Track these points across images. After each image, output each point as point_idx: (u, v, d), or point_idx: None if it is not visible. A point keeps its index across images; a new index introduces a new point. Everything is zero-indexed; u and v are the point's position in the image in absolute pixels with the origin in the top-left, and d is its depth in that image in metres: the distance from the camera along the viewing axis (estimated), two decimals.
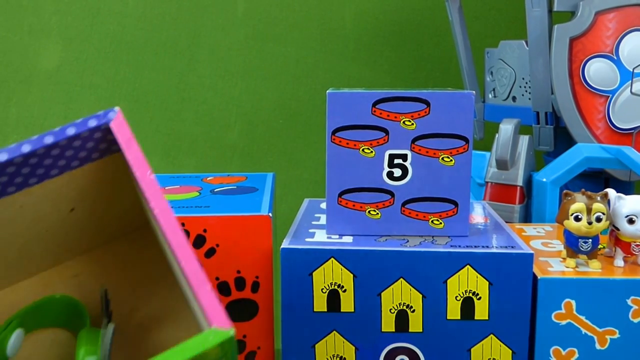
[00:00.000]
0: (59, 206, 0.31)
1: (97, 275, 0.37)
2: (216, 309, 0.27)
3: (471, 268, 0.49)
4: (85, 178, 0.29)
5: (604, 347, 0.50)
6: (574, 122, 0.83)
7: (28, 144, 0.25)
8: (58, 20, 1.12)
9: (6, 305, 0.35)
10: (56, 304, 0.35)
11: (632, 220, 0.52)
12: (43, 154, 0.26)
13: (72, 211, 0.32)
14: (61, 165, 0.27)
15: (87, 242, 0.36)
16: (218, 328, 0.26)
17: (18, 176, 0.26)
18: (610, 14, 0.81)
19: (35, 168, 0.26)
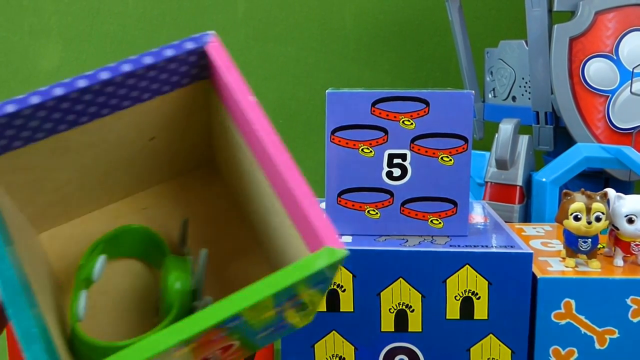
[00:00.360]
0: (141, 133, 0.31)
1: (165, 210, 0.36)
2: (329, 228, 0.26)
3: (470, 268, 0.49)
4: (171, 105, 0.29)
5: (604, 346, 0.50)
6: (573, 122, 0.83)
7: (128, 63, 0.25)
8: (58, 20, 1.12)
9: (78, 235, 0.35)
10: (133, 234, 0.35)
11: (631, 219, 0.52)
12: (140, 75, 0.26)
13: (152, 140, 0.32)
14: (154, 89, 0.27)
15: (157, 174, 0.36)
16: (332, 247, 0.25)
17: (114, 98, 0.26)
18: (610, 13, 0.81)
19: (131, 90, 0.26)
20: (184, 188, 0.37)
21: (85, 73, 0.24)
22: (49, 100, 0.24)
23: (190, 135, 0.34)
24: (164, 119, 0.30)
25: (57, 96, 0.24)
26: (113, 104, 0.27)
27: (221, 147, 0.35)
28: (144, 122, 0.29)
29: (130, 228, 0.35)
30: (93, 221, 0.35)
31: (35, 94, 0.24)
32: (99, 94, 0.25)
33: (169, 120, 0.31)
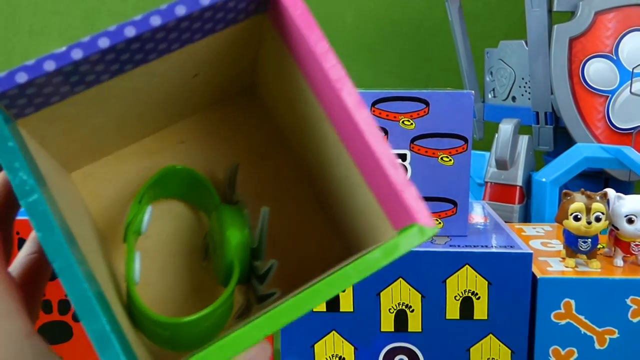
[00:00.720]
0: (186, 72, 0.28)
1: (204, 143, 0.33)
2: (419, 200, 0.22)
3: (470, 268, 0.49)
4: (221, 41, 0.27)
5: (603, 346, 0.50)
6: (573, 122, 0.83)
7: (181, 5, 0.22)
8: (58, 20, 1.12)
9: (112, 173, 0.32)
10: (177, 175, 0.32)
11: (631, 220, 0.52)
12: (195, 17, 0.23)
13: (195, 76, 0.29)
14: (207, 29, 0.25)
15: (194, 106, 0.33)
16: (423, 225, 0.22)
17: (163, 42, 0.24)
18: (610, 14, 0.81)
19: (182, 33, 0.24)
20: (224, 118, 0.33)
21: (133, 19, 0.22)
22: (93, 54, 0.22)
23: (236, 67, 0.31)
24: (212, 56, 0.28)
25: (102, 49, 0.22)
26: (161, 49, 0.24)
27: (270, 79, 0.32)
28: (189, 61, 0.27)
29: (174, 169, 0.32)
30: (127, 157, 0.32)
31: (77, 47, 0.21)
32: (148, 41, 0.23)
33: (216, 56, 0.28)
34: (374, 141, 0.23)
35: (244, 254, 0.28)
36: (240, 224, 0.29)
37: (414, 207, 0.22)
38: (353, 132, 0.23)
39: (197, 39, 0.25)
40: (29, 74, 0.21)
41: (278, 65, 0.29)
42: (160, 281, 0.32)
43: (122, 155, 0.32)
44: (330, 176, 0.30)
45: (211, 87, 0.32)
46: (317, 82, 0.25)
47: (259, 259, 0.29)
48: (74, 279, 0.20)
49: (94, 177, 0.32)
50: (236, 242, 0.28)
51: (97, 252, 0.27)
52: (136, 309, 0.26)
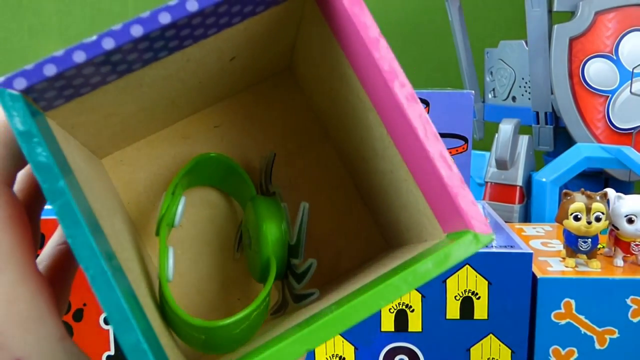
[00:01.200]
0: (222, 56, 0.27)
1: (239, 127, 0.31)
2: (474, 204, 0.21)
3: (470, 268, 0.49)
4: (261, 23, 0.25)
5: (604, 346, 0.50)
6: (573, 122, 0.83)
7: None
8: (58, 20, 1.12)
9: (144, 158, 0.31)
10: (211, 163, 0.30)
11: (631, 219, 0.52)
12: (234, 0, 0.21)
13: (232, 60, 0.27)
14: (246, 12, 0.23)
15: (230, 88, 0.31)
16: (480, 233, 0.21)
17: (200, 28, 0.22)
18: (610, 14, 0.81)
19: (220, 17, 0.22)
20: (260, 101, 0.32)
21: (168, 4, 0.20)
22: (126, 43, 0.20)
23: (275, 49, 0.29)
24: (250, 39, 0.26)
25: (135, 38, 0.20)
26: (198, 35, 0.23)
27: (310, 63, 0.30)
28: (227, 45, 0.26)
29: (208, 157, 0.30)
30: (160, 142, 0.31)
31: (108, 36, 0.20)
32: (184, 27, 0.22)
33: (255, 38, 0.27)
34: (427, 139, 0.21)
35: (281, 251, 0.27)
36: (277, 218, 0.27)
37: (468, 213, 0.21)
38: (403, 127, 0.22)
39: (236, 22, 0.24)
40: (57, 66, 0.20)
41: (320, 49, 0.27)
42: (192, 272, 0.31)
43: (154, 140, 0.31)
44: (373, 169, 0.28)
45: (248, 70, 0.30)
46: (365, 70, 0.23)
47: (297, 257, 0.27)
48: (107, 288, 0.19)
49: (125, 163, 0.31)
50: (273, 238, 0.27)
51: (130, 246, 0.26)
52: (170, 310, 0.25)
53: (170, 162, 0.31)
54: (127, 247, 0.25)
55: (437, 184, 0.21)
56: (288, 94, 0.32)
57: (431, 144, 0.21)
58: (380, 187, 0.28)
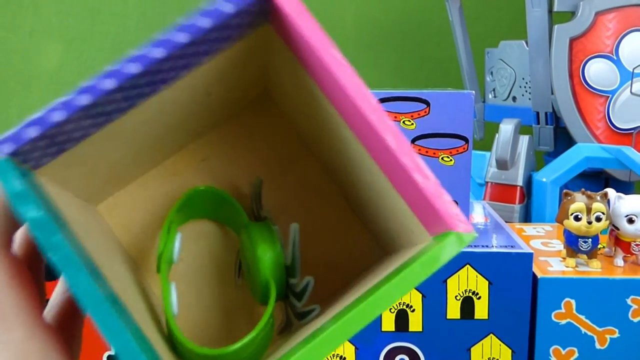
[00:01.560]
0: (198, 92, 0.28)
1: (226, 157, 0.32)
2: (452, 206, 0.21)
3: (471, 268, 0.49)
4: (230, 57, 0.26)
5: (604, 346, 0.50)
6: (574, 122, 0.83)
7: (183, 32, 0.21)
8: (59, 21, 1.12)
9: (138, 200, 0.32)
10: (201, 196, 0.31)
11: (631, 219, 0.52)
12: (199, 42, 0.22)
13: (209, 95, 0.29)
14: (213, 50, 0.24)
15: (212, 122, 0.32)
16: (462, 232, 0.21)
17: (171, 71, 0.23)
18: (610, 14, 0.81)
19: (189, 58, 0.23)
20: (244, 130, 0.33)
21: (135, 54, 0.21)
22: (100, 97, 0.21)
23: (248, 79, 0.31)
24: (222, 73, 0.27)
25: (109, 91, 0.21)
26: (170, 77, 0.24)
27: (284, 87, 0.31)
28: (200, 83, 0.27)
29: (197, 191, 0.31)
30: (150, 182, 0.32)
31: (84, 92, 0.21)
32: (155, 73, 0.22)
33: (227, 73, 0.28)
34: (400, 150, 0.22)
35: (278, 272, 0.28)
36: (270, 241, 0.29)
37: (448, 215, 0.21)
38: (376, 141, 0.23)
39: (205, 61, 0.25)
40: (40, 127, 0.21)
41: (289, 74, 0.28)
42: (197, 304, 0.32)
43: (144, 180, 0.32)
44: (357, 180, 0.29)
45: (225, 102, 0.32)
46: (330, 90, 0.24)
47: (294, 276, 0.28)
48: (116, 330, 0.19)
49: (120, 206, 0.32)
50: (269, 261, 0.28)
51: (132, 286, 0.27)
52: (178, 343, 0.26)
53: (163, 200, 0.32)
54: (130, 287, 0.26)
55: (415, 192, 0.22)
56: (268, 118, 0.33)
57: (404, 155, 0.22)
58: (367, 198, 0.29)
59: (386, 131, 0.22)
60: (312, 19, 0.23)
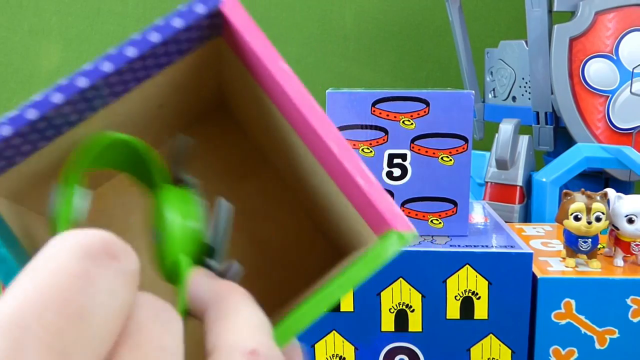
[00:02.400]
0: (149, 104, 0.27)
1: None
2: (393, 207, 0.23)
3: (470, 268, 0.49)
4: (181, 70, 0.26)
5: (604, 346, 0.50)
6: (573, 122, 0.83)
7: (132, 47, 0.22)
8: (58, 20, 1.12)
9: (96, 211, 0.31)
10: (115, 149, 0.26)
11: (631, 219, 0.52)
12: (148, 55, 0.22)
13: (161, 107, 0.28)
14: (162, 63, 0.24)
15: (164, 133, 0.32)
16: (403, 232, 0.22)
17: (119, 85, 0.23)
18: (610, 14, 0.81)
19: (137, 71, 0.23)
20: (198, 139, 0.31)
21: (85, 69, 0.21)
22: (48, 111, 0.21)
23: (201, 90, 0.31)
24: (173, 86, 0.27)
25: (56, 105, 0.21)
26: (119, 91, 0.24)
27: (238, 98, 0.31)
28: (152, 94, 0.26)
29: (105, 141, 0.24)
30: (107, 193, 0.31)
31: (31, 107, 0.21)
32: (103, 87, 0.22)
33: (178, 84, 0.28)
34: (343, 156, 0.23)
35: (191, 247, 0.24)
36: (185, 209, 0.24)
37: (390, 216, 0.23)
38: (321, 147, 0.24)
39: (155, 74, 0.24)
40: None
41: (243, 85, 0.28)
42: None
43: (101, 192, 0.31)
44: (310, 186, 0.29)
45: (182, 113, 0.31)
46: (278, 99, 0.25)
47: (214, 257, 0.24)
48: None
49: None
50: (179, 231, 0.24)
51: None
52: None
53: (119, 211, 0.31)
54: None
55: (360, 195, 0.23)
56: (225, 128, 0.33)
57: (347, 160, 0.23)
58: (321, 204, 0.30)
59: (330, 138, 0.23)
60: (261, 34, 0.24)
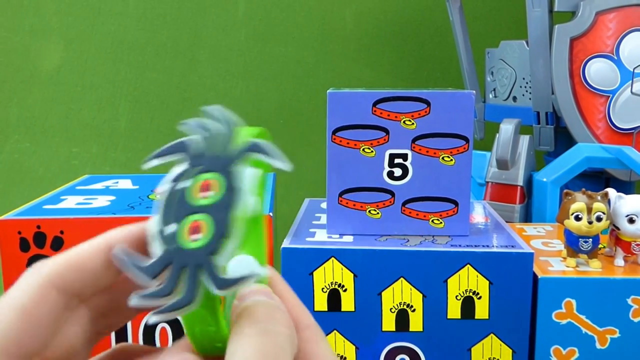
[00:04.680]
0: None
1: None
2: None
3: (471, 267, 0.49)
4: None
5: (604, 346, 0.50)
6: (574, 122, 0.83)
7: None
8: (59, 20, 1.12)
9: None
10: None
11: (632, 219, 0.52)
12: None
13: None
14: None
15: None
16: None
17: None
18: (611, 14, 0.81)
19: None
20: None
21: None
22: None
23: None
24: None
25: None
26: None
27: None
28: None
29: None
30: None
31: None
32: None
33: None
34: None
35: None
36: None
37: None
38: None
39: None
40: None
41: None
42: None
43: None
44: None
45: None
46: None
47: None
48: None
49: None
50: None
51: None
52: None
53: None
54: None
55: None
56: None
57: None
58: None
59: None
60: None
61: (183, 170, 0.24)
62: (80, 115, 1.15)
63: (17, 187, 1.15)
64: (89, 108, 1.15)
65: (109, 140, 1.16)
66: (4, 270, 0.52)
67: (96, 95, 1.15)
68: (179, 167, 0.24)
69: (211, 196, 0.22)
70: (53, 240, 0.52)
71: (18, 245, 0.52)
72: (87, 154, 1.16)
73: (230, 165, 0.23)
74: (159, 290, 0.20)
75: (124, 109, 1.16)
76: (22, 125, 1.13)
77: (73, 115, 1.15)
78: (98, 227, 0.53)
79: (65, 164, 1.16)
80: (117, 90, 1.15)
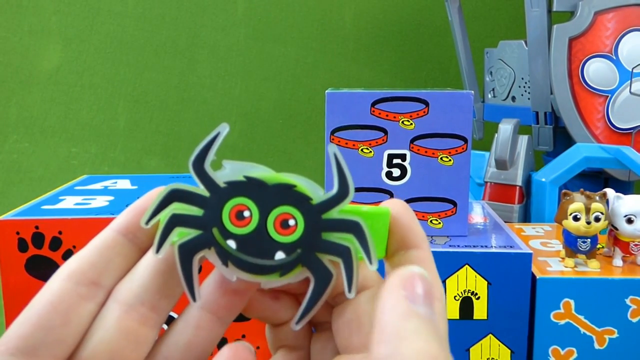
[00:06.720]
0: None
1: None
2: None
3: (470, 268, 0.49)
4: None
5: (603, 346, 0.50)
6: (573, 122, 0.83)
7: None
8: (58, 20, 1.12)
9: None
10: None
11: (630, 220, 0.52)
12: None
13: None
14: None
15: None
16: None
17: None
18: (610, 13, 0.81)
19: None
20: None
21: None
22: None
23: None
24: None
25: None
26: None
27: None
28: None
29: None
30: None
31: None
32: None
33: None
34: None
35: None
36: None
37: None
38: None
39: None
40: None
41: None
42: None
43: None
44: None
45: None
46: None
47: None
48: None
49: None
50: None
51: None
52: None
53: None
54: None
55: None
56: None
57: None
58: None
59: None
60: None
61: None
62: (79, 115, 1.15)
63: (16, 187, 1.15)
64: (88, 108, 1.15)
65: (108, 140, 1.16)
66: (2, 270, 0.52)
67: (95, 95, 1.15)
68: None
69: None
70: (51, 240, 0.52)
71: (16, 246, 0.52)
72: (86, 154, 1.16)
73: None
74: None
75: (123, 109, 1.16)
76: (21, 125, 1.13)
77: (72, 115, 1.15)
78: (97, 227, 0.53)
79: (64, 164, 1.16)
80: (116, 90, 1.15)
